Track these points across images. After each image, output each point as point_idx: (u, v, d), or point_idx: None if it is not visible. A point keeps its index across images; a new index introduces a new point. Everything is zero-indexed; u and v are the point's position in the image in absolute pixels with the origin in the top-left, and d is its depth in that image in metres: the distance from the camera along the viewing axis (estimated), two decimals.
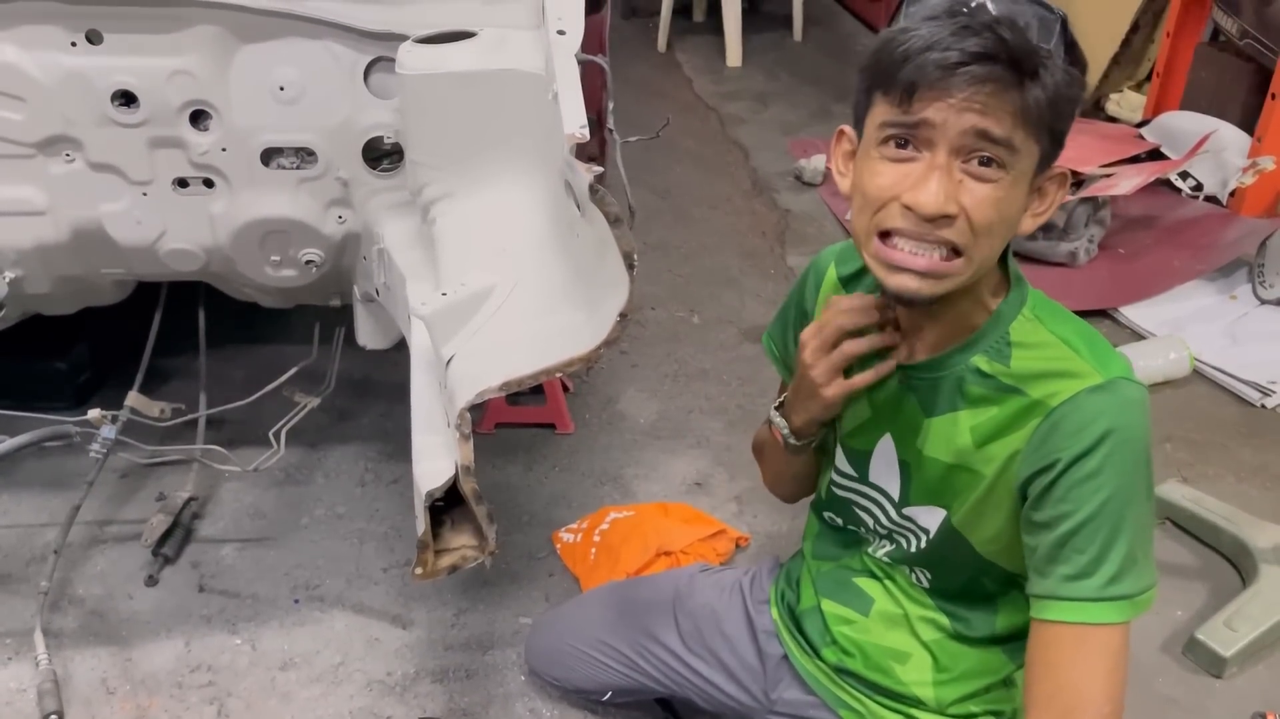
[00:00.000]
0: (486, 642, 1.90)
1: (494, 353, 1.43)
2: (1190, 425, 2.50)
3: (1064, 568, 1.02)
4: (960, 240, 0.97)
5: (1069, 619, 1.02)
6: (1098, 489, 1.00)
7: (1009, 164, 0.96)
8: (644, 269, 1.33)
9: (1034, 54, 0.94)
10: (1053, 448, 1.02)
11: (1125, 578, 1.01)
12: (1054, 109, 0.96)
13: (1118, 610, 1.02)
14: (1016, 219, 1.01)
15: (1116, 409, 1.01)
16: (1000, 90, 0.93)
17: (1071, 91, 0.97)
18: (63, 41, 1.64)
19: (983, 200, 0.96)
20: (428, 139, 1.64)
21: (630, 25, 5.19)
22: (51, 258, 1.83)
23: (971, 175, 0.96)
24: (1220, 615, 1.91)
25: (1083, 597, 1.02)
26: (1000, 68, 0.93)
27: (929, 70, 0.93)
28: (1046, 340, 1.07)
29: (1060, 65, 0.95)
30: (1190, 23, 3.56)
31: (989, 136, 0.94)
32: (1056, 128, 0.98)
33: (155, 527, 2.02)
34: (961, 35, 0.93)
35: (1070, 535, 1.02)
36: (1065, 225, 3.03)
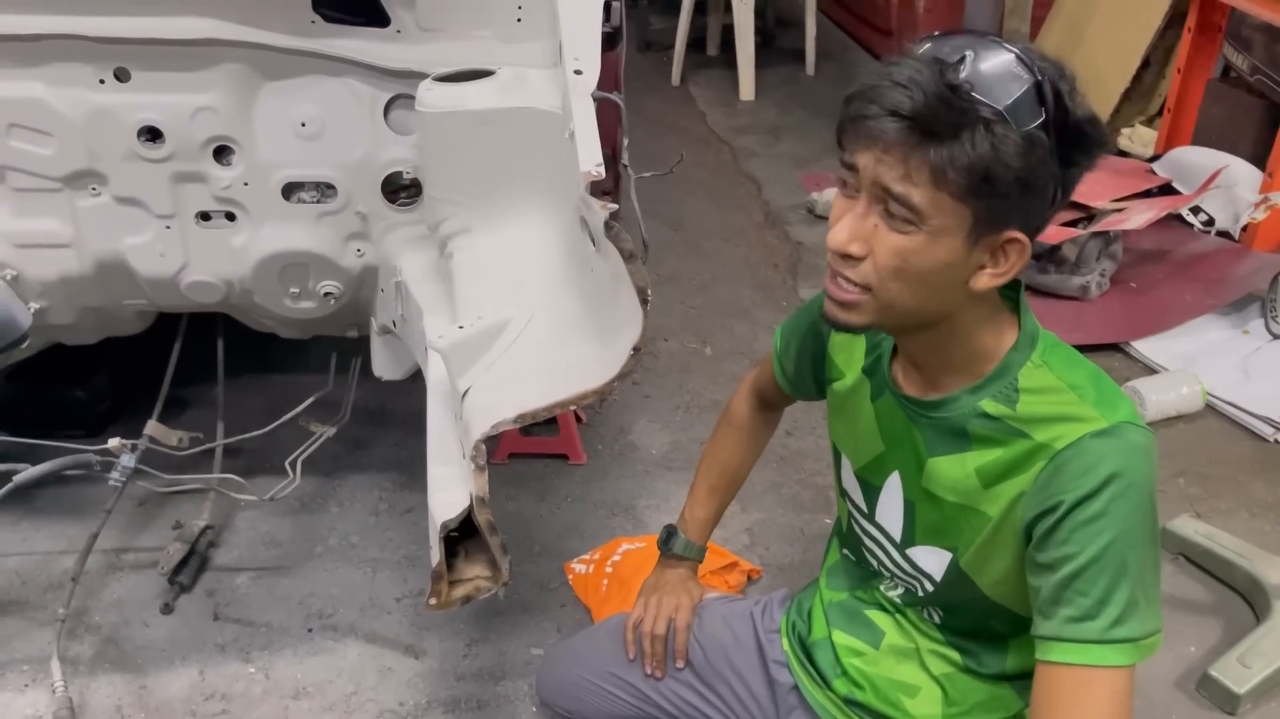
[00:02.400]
0: (498, 672, 1.90)
1: (509, 385, 1.45)
2: (1203, 460, 2.50)
3: (1067, 609, 1.02)
4: (864, 279, 1.01)
5: (1072, 661, 1.02)
6: (1100, 532, 1.00)
7: (920, 217, 0.96)
8: (656, 301, 1.35)
9: (953, 116, 0.91)
10: (1056, 490, 1.03)
11: (1129, 621, 1.01)
12: (972, 176, 0.93)
13: (1122, 653, 1.01)
14: (943, 274, 1.00)
15: (1121, 453, 1.02)
16: (906, 149, 0.93)
17: (1015, 159, 0.92)
18: (91, 79, 1.68)
19: (888, 248, 0.99)
20: (446, 175, 1.67)
21: (645, 59, 5.25)
22: (75, 289, 1.87)
23: (886, 223, 0.98)
24: (1234, 652, 1.91)
25: (1086, 638, 1.01)
26: (905, 128, 0.93)
27: (852, 118, 0.97)
28: (1054, 386, 1.07)
29: (1008, 134, 0.92)
30: (1201, 59, 3.58)
31: (889, 192, 0.96)
32: (994, 194, 0.94)
33: (172, 555, 2.03)
34: (890, 89, 0.94)
35: (1073, 578, 1.02)
36: (1077, 259, 3.05)
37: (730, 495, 1.56)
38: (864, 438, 1.25)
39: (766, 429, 1.57)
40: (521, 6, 1.71)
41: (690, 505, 1.54)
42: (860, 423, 1.25)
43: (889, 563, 1.26)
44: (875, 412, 1.23)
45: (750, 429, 1.54)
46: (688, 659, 1.44)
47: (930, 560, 1.20)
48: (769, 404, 1.54)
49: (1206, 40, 3.55)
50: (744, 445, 1.55)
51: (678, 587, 1.49)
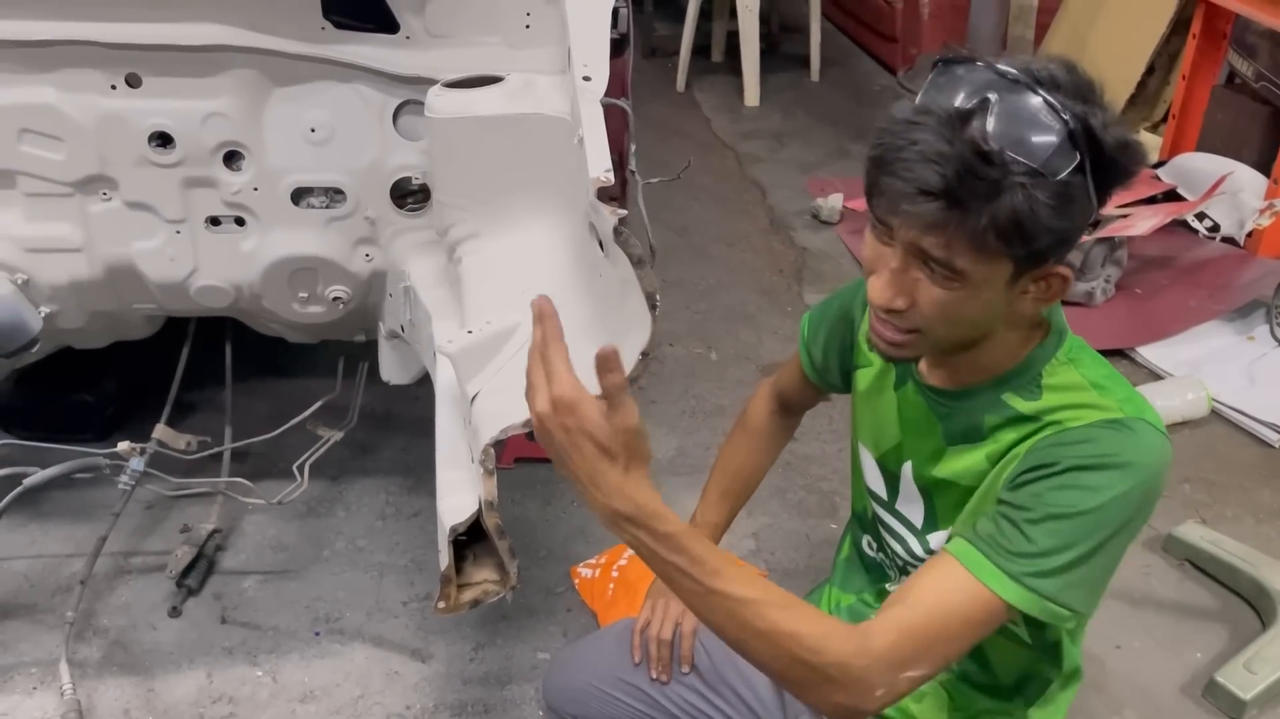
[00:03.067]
0: (504, 676, 1.91)
1: (518, 390, 1.45)
2: (1208, 466, 2.50)
3: (1007, 541, 0.99)
4: (913, 325, 1.02)
5: (979, 576, 0.98)
6: (1087, 502, 0.98)
7: (961, 276, 0.97)
8: (662, 306, 1.36)
9: (986, 186, 0.90)
10: (1055, 451, 1.02)
11: (1054, 578, 0.98)
12: (1011, 236, 0.92)
13: (1021, 597, 0.98)
14: (984, 313, 1.01)
15: (1136, 446, 1.01)
16: (939, 220, 0.93)
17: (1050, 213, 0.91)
18: (102, 85, 1.69)
19: (933, 300, 0.99)
20: (455, 180, 1.68)
21: (650, 65, 5.26)
22: (85, 293, 1.88)
23: (928, 276, 0.99)
24: (1240, 658, 1.91)
25: (1007, 570, 0.98)
26: (939, 204, 0.92)
27: (883, 186, 0.96)
28: (1078, 383, 1.07)
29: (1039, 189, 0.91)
30: (1206, 65, 3.58)
31: (930, 257, 0.96)
32: (1033, 244, 0.94)
33: (179, 558, 2.04)
34: (918, 163, 0.92)
35: (1033, 522, 0.99)
36: (1082, 265, 3.05)
37: (742, 501, 1.56)
38: (884, 425, 1.26)
39: (783, 435, 1.57)
40: (530, 13, 1.72)
41: (701, 509, 1.54)
42: (882, 410, 1.26)
43: (903, 552, 1.27)
44: (898, 399, 1.23)
45: (767, 434, 1.55)
46: (694, 664, 1.44)
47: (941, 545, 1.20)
48: (789, 408, 1.54)
49: (1211, 46, 3.55)
50: (759, 450, 1.55)
51: None
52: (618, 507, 0.92)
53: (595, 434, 0.90)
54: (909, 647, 0.96)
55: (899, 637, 0.96)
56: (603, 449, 0.90)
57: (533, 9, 1.71)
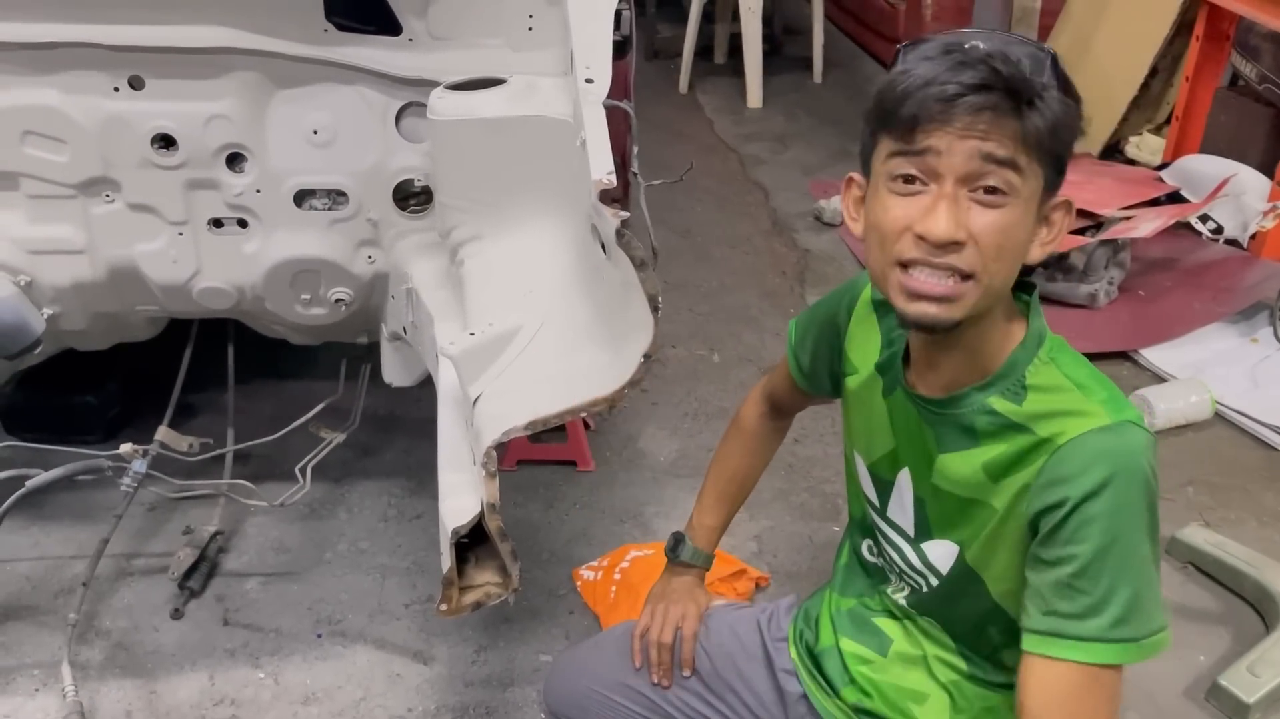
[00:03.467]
0: (507, 679, 1.91)
1: (520, 392, 1.46)
2: (1212, 469, 2.50)
3: (1068, 605, 1.02)
4: (971, 266, 1.01)
5: (1073, 658, 1.02)
6: (1104, 531, 1.01)
7: (1014, 189, 0.99)
8: (664, 308, 1.36)
9: (1029, 84, 0.98)
10: (1060, 486, 1.03)
11: (1131, 620, 1.01)
12: (1054, 135, 0.99)
13: (1123, 653, 1.02)
14: (1025, 245, 1.04)
15: (1122, 451, 1.02)
16: (999, 117, 0.97)
17: (1070, 120, 1.01)
18: (106, 87, 1.69)
19: (990, 226, 1.00)
20: (457, 182, 1.68)
21: (652, 67, 5.26)
22: (88, 295, 1.88)
23: (979, 203, 1.00)
24: (1243, 661, 1.90)
25: (1087, 636, 1.02)
26: (997, 96, 0.97)
27: (930, 104, 0.98)
28: (1060, 384, 1.08)
29: (1056, 96, 0.99)
30: (1209, 67, 3.58)
31: (994, 159, 0.98)
32: (1058, 154, 1.01)
33: (182, 560, 2.04)
34: (958, 70, 0.98)
35: (1077, 576, 1.02)
36: (1085, 267, 3.04)
37: (738, 503, 1.56)
38: (876, 433, 1.26)
39: (776, 437, 1.57)
40: (533, 15, 1.72)
41: (698, 513, 1.54)
42: (873, 418, 1.26)
43: (899, 559, 1.27)
44: (888, 407, 1.23)
45: (760, 436, 1.55)
46: (695, 668, 1.44)
47: (939, 554, 1.21)
48: (780, 411, 1.54)
49: (1215, 49, 3.55)
50: (753, 453, 1.55)
51: (684, 595, 1.50)
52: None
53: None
54: None
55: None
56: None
57: (535, 11, 1.71)
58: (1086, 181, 3.36)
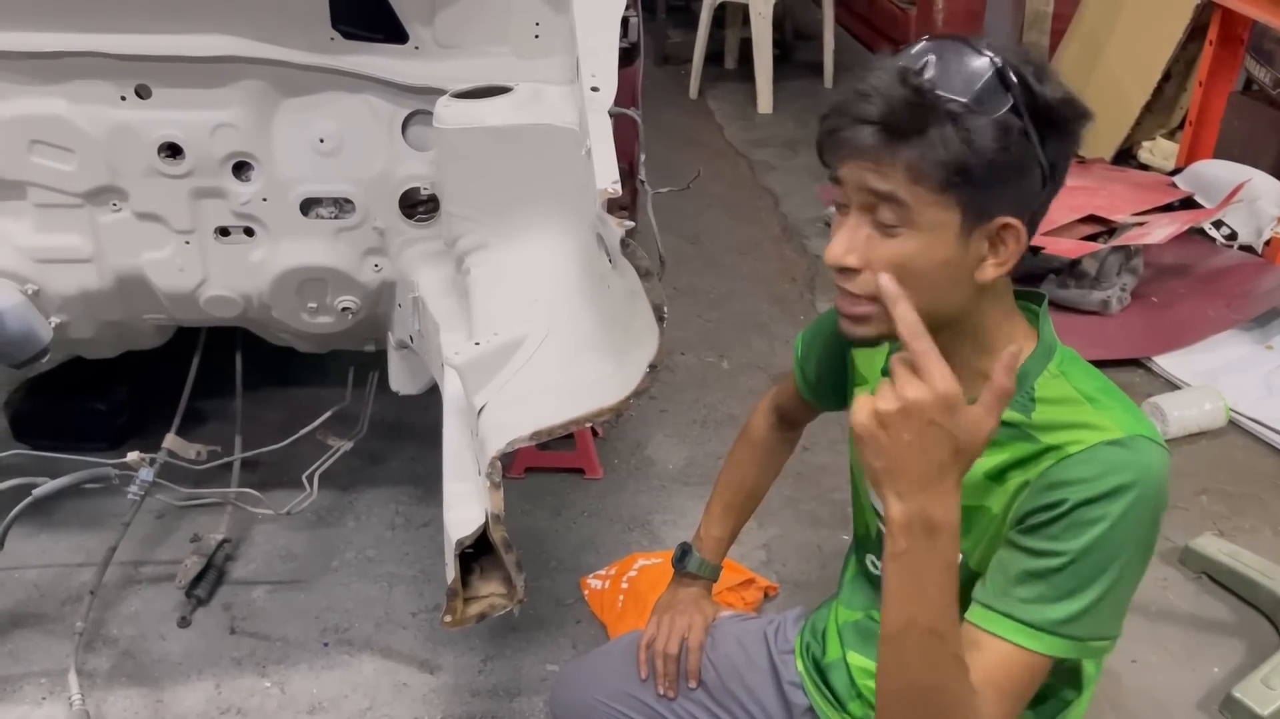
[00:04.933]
0: (513, 688, 1.90)
1: (525, 402, 1.45)
2: (1226, 477, 2.47)
3: (1028, 592, 1.01)
4: (868, 290, 1.02)
5: (1016, 641, 1.01)
6: (1096, 534, 0.99)
7: (907, 220, 0.98)
8: (673, 314, 1.35)
9: (923, 113, 0.94)
10: (1062, 489, 1.02)
11: (1084, 620, 1.01)
12: (951, 167, 0.95)
13: (1065, 647, 1.01)
14: (942, 271, 1.01)
15: (1137, 466, 1.00)
16: (885, 150, 0.96)
17: (990, 146, 0.94)
18: (112, 96, 1.69)
19: (883, 256, 1.00)
20: (463, 191, 1.67)
21: (663, 72, 5.26)
22: (95, 304, 1.88)
23: (878, 230, 1.00)
24: (1257, 673, 1.88)
25: (1038, 624, 1.00)
26: (877, 131, 0.96)
27: (829, 134, 1.00)
28: (1071, 396, 1.07)
29: (981, 120, 0.94)
30: (1223, 72, 3.56)
31: (876, 193, 0.98)
32: (974, 183, 0.96)
33: (189, 568, 2.04)
34: (854, 100, 0.97)
35: (1051, 572, 1.01)
36: (1098, 274, 3.02)
37: (746, 515, 1.55)
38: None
39: (785, 448, 1.56)
40: (539, 23, 1.71)
41: (705, 524, 1.53)
42: None
43: None
44: None
45: (768, 447, 1.54)
46: (701, 679, 1.43)
47: None
48: (789, 422, 1.53)
49: (1228, 53, 3.52)
50: (761, 464, 1.54)
51: (691, 606, 1.49)
52: (934, 514, 0.90)
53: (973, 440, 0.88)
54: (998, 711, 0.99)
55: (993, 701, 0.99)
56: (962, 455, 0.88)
57: (542, 19, 1.71)
58: (1099, 187, 3.34)
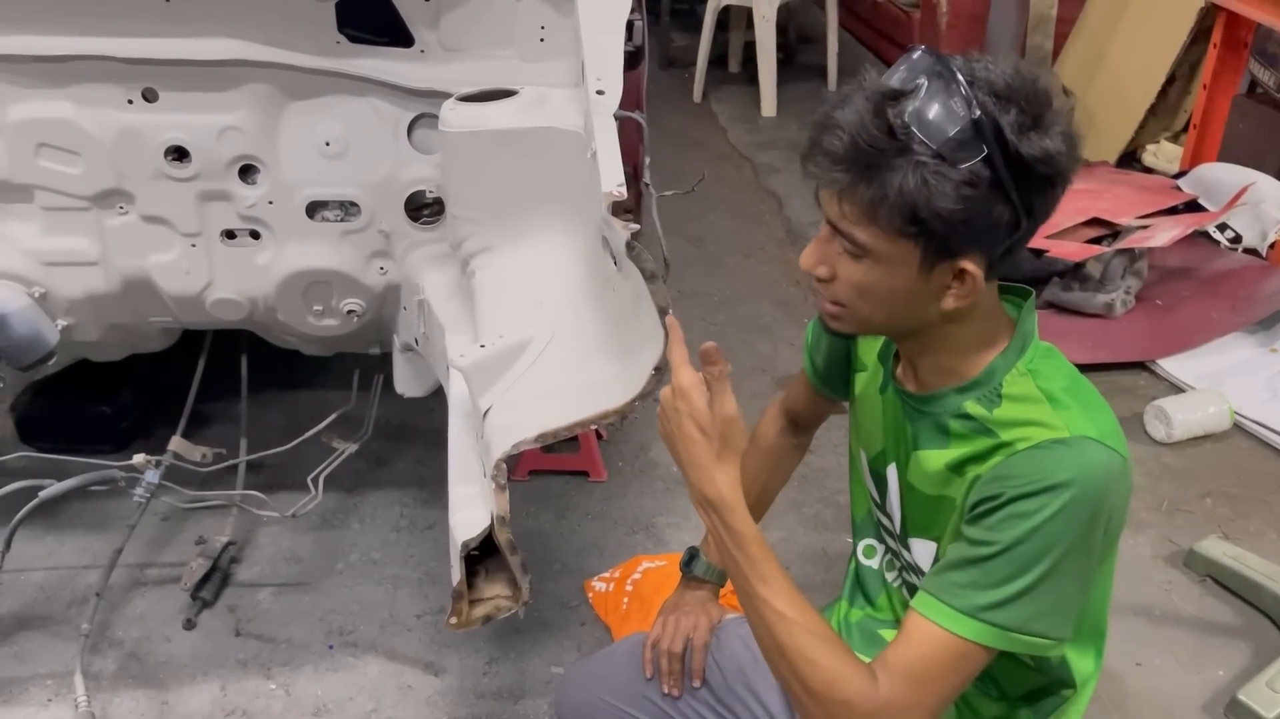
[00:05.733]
0: (518, 691, 1.90)
1: (530, 405, 1.45)
2: (1231, 480, 2.47)
3: (961, 576, 1.03)
4: (835, 299, 1.09)
5: (941, 623, 1.03)
6: (1028, 527, 1.01)
7: (868, 250, 1.02)
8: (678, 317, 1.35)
9: (881, 157, 0.95)
10: (1002, 483, 1.04)
11: (1011, 608, 1.01)
12: (909, 213, 0.96)
13: (987, 634, 1.02)
14: (903, 298, 1.05)
15: (1076, 466, 1.02)
16: (841, 188, 1.00)
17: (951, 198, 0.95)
18: (119, 99, 1.70)
19: (846, 276, 1.06)
20: (469, 194, 1.68)
21: (667, 75, 5.26)
22: (102, 307, 1.89)
23: (843, 250, 1.05)
24: (1263, 676, 1.88)
25: (955, 605, 1.02)
26: (838, 168, 0.99)
27: (802, 157, 1.03)
28: (1033, 395, 1.09)
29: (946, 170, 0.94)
30: (1227, 75, 3.55)
31: (836, 228, 1.03)
32: (931, 229, 0.97)
33: (194, 570, 2.05)
34: (825, 130, 1.00)
35: (982, 560, 1.03)
36: (1102, 277, 3.02)
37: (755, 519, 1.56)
38: (874, 429, 1.28)
39: (794, 454, 1.57)
40: (544, 26, 1.72)
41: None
42: (873, 414, 1.28)
43: (900, 549, 1.28)
44: (883, 403, 1.25)
45: (777, 453, 1.54)
46: (706, 679, 1.43)
47: (921, 553, 1.22)
48: (799, 425, 1.54)
49: (1232, 56, 3.52)
50: (770, 470, 1.54)
51: (697, 607, 1.49)
52: (705, 490, 1.06)
53: (698, 418, 1.05)
54: (909, 695, 1.02)
55: (901, 685, 1.02)
56: (702, 432, 1.05)
57: (547, 23, 1.72)
58: (1103, 190, 3.34)
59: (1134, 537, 2.26)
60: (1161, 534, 2.30)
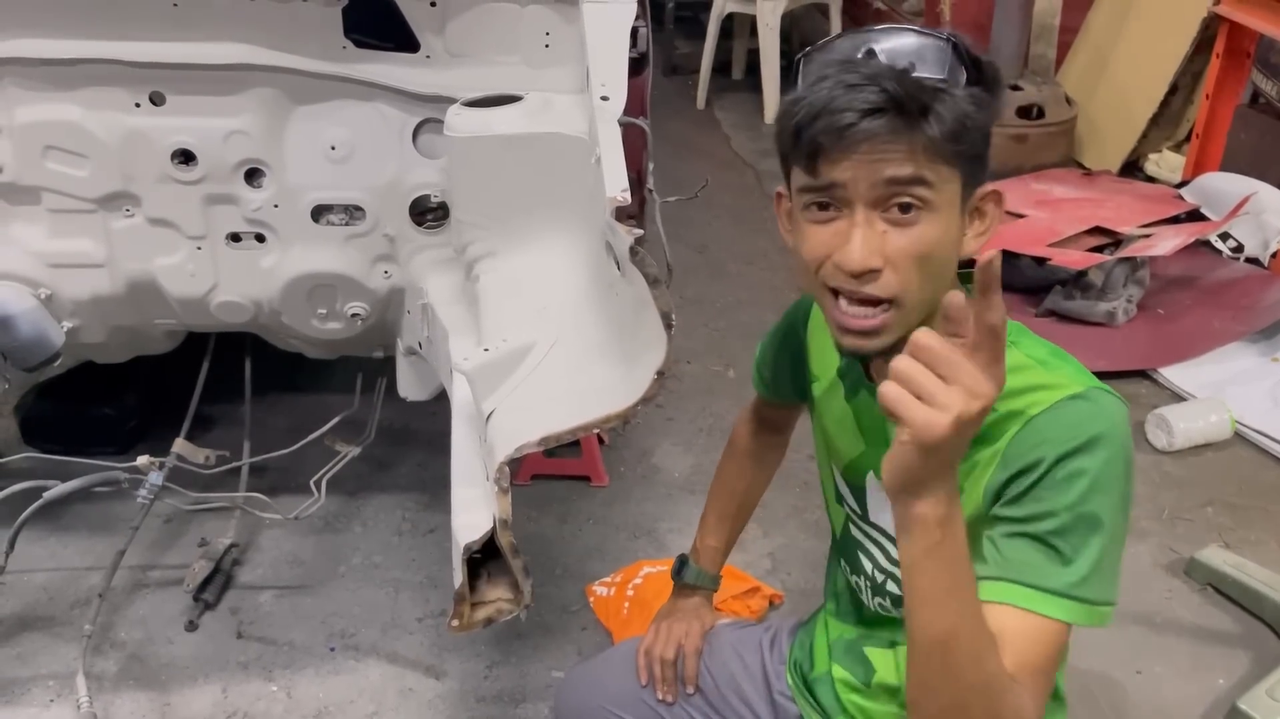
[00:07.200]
0: (519, 694, 1.90)
1: (533, 408, 1.46)
2: (1232, 489, 2.47)
3: (1034, 555, 0.98)
4: (891, 292, 1.00)
5: (1025, 605, 0.97)
6: (1082, 489, 0.98)
7: (927, 202, 0.98)
8: (679, 323, 1.35)
9: (922, 92, 0.96)
10: (1036, 450, 1.00)
11: (1094, 581, 0.98)
12: (959, 137, 0.97)
13: (1077, 612, 0.98)
14: (952, 249, 1.03)
15: (1103, 416, 1.00)
16: (897, 136, 0.96)
17: (977, 113, 0.99)
18: (126, 102, 1.71)
19: (908, 247, 0.99)
20: (473, 199, 1.68)
21: (670, 82, 5.28)
22: (107, 309, 1.89)
23: (894, 223, 0.99)
24: (1263, 684, 1.88)
25: (1047, 588, 0.97)
26: (890, 116, 0.95)
27: (826, 135, 0.96)
28: (1022, 363, 1.06)
29: (960, 93, 0.98)
30: (1230, 85, 3.56)
31: (898, 181, 0.97)
32: (970, 151, 1.00)
33: (197, 572, 2.05)
34: (849, 93, 0.95)
35: (1051, 533, 0.98)
36: (1104, 285, 3.03)
37: (741, 522, 1.56)
38: (846, 438, 1.24)
39: (773, 454, 1.57)
40: (549, 32, 1.73)
41: (701, 534, 1.54)
42: (842, 424, 1.25)
43: (885, 561, 1.25)
44: (854, 410, 1.22)
45: (754, 453, 1.54)
46: (699, 686, 1.44)
47: None
48: (771, 426, 1.54)
49: (1235, 66, 3.53)
50: (749, 471, 1.55)
51: (689, 614, 1.50)
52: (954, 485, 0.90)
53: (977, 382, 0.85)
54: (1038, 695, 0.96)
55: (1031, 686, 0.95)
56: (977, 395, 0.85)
57: (552, 28, 1.72)
58: (1106, 198, 3.35)
59: (1135, 545, 2.26)
60: (1162, 542, 2.30)
